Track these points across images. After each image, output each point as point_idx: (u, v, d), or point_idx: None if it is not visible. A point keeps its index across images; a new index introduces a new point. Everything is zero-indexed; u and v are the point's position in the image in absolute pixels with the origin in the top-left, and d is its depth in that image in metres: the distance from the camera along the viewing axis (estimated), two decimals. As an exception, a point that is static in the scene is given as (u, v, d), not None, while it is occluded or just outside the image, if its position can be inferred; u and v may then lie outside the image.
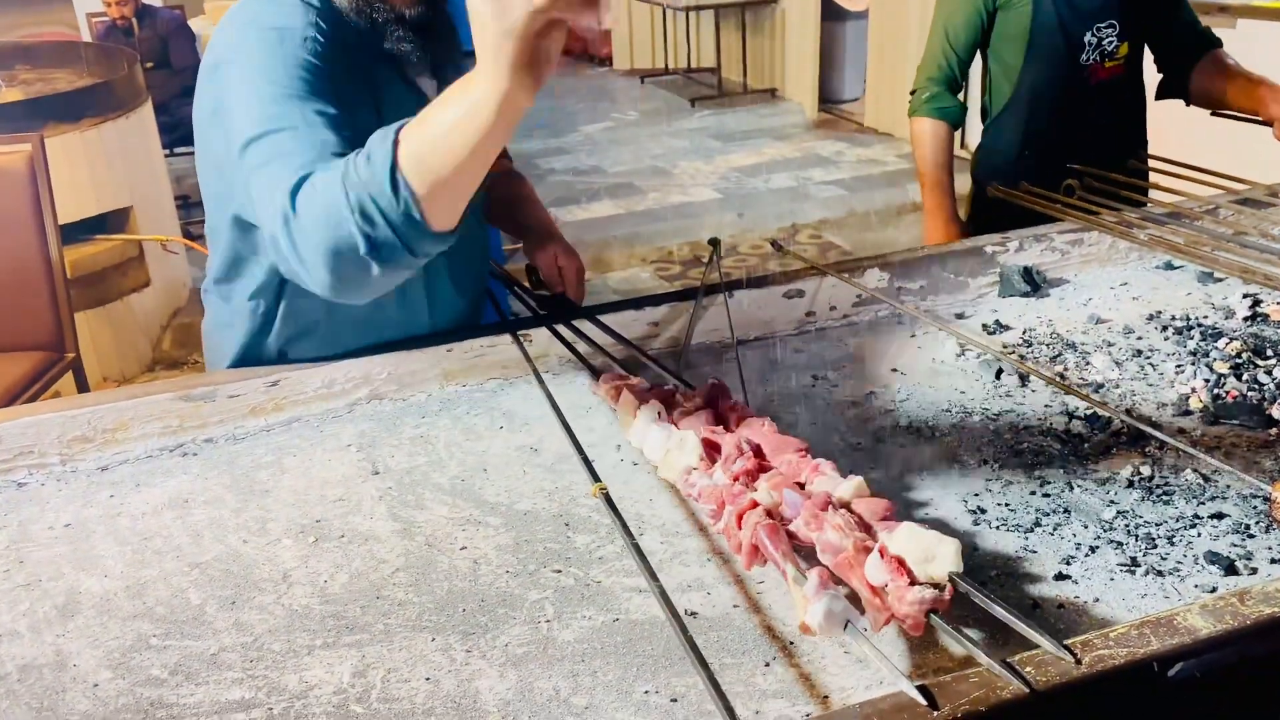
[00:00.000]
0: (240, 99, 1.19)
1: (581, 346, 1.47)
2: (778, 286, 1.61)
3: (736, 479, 1.05)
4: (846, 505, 0.99)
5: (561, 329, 1.50)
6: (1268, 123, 2.00)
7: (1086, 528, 1.06)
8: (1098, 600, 0.95)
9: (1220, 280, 1.66)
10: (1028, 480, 1.16)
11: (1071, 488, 1.14)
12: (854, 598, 0.90)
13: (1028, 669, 0.76)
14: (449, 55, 1.37)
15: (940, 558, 0.87)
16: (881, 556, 0.88)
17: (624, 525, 0.99)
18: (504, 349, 1.49)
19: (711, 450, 1.11)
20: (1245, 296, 1.58)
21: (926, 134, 2.20)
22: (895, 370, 1.46)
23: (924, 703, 0.73)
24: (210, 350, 1.55)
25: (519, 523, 1.14)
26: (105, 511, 1.21)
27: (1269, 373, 1.34)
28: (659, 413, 1.21)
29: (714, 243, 1.66)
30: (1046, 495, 1.12)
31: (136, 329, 4.03)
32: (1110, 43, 2.07)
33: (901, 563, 0.88)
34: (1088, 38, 2.06)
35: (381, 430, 1.36)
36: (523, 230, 1.74)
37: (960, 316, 1.62)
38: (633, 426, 1.22)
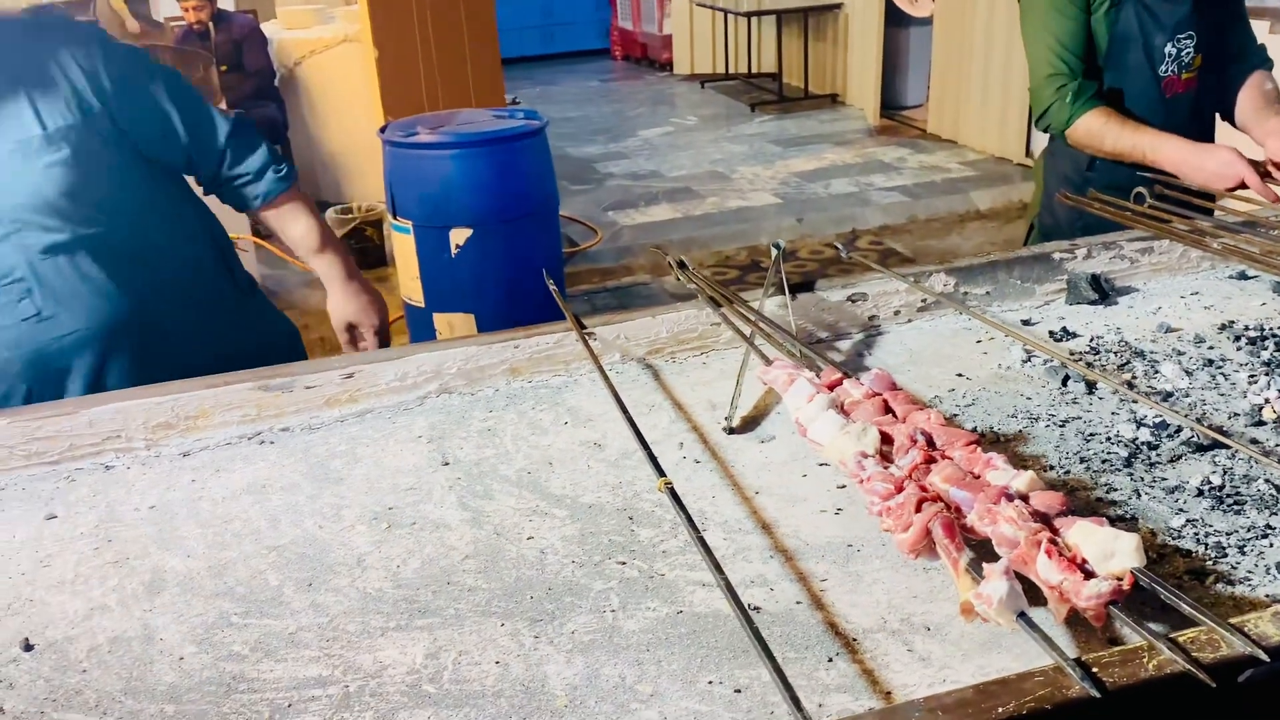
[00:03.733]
0: None
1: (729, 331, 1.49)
2: (841, 290, 1.62)
3: (914, 470, 1.06)
4: (1023, 497, 1.00)
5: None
6: None
7: (1155, 535, 1.05)
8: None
9: (1296, 290, 1.63)
10: (1094, 487, 1.15)
11: (1139, 495, 1.13)
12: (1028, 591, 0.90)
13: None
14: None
15: (1121, 553, 0.89)
16: (1054, 554, 0.90)
17: (689, 519, 1.01)
18: (569, 346, 1.51)
19: (884, 440, 1.13)
20: (1322, 307, 1.55)
21: (1095, 130, 2.02)
22: (960, 375, 1.45)
23: (1094, 692, 0.75)
24: None
25: (584, 515, 1.16)
26: (188, 495, 1.26)
27: (1346, 384, 1.32)
28: (833, 402, 1.22)
29: (776, 245, 1.67)
30: (1114, 503, 1.12)
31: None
32: (1188, 54, 2.03)
33: (1075, 558, 0.90)
34: (1168, 49, 2.02)
35: (451, 423, 1.40)
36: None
37: (1027, 323, 1.61)
38: (803, 410, 1.21)
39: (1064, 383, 1.39)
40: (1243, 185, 1.88)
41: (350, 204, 5.18)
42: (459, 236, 3.12)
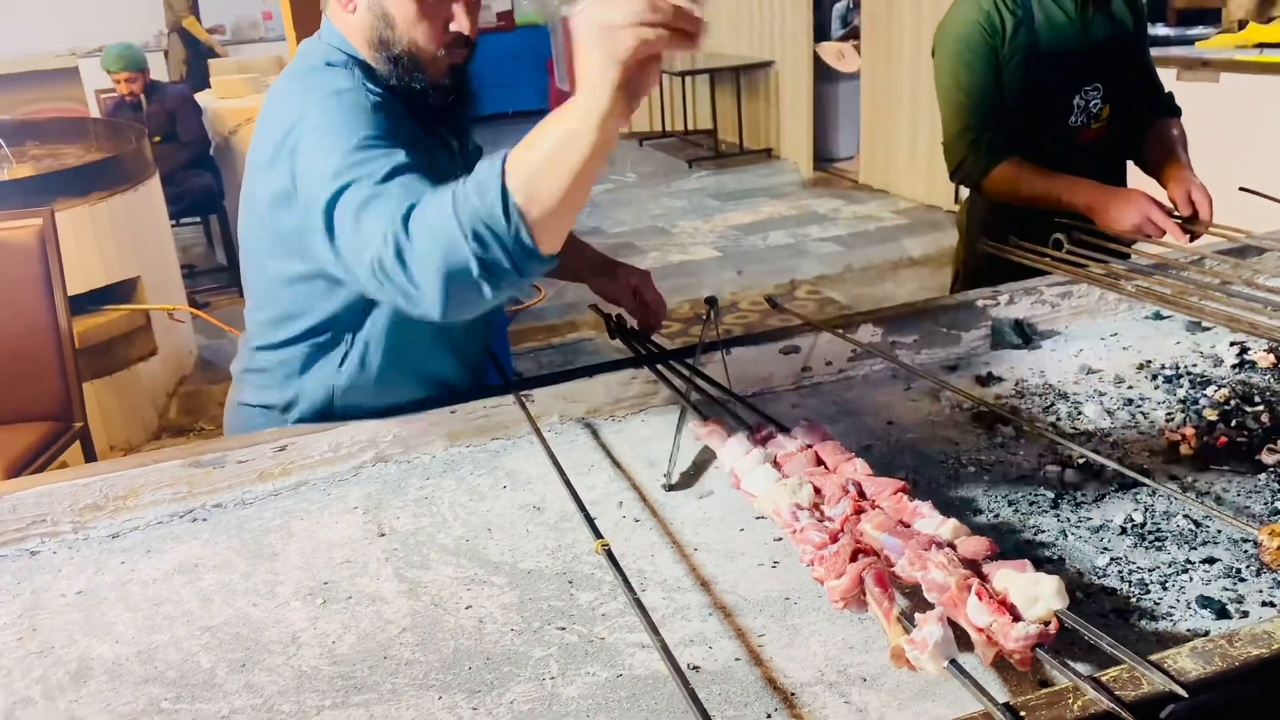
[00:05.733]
0: (319, 159, 1.24)
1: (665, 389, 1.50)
2: (774, 343, 1.65)
3: (846, 520, 1.08)
4: (950, 545, 1.02)
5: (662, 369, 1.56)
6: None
7: (1081, 575, 1.08)
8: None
9: (1208, 329, 1.69)
10: (1022, 529, 1.18)
11: (1066, 535, 1.16)
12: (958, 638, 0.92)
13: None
14: (468, 117, 1.51)
15: (1044, 596, 0.91)
16: (984, 595, 0.92)
17: (626, 581, 1.01)
18: (506, 409, 1.52)
19: (816, 491, 1.15)
20: (1232, 344, 1.61)
21: (1009, 179, 2.07)
22: (891, 423, 1.48)
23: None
24: (242, 420, 1.57)
25: (523, 581, 1.16)
26: (117, 578, 1.23)
27: (1256, 418, 1.37)
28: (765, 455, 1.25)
29: (710, 301, 1.70)
30: (1041, 544, 1.14)
31: (143, 397, 4.06)
32: (1095, 105, 2.12)
33: (1004, 601, 0.92)
34: (1076, 100, 2.11)
35: (387, 492, 1.39)
36: (586, 268, 1.82)
37: (954, 369, 1.65)
38: (738, 464, 1.24)
39: (990, 427, 1.43)
40: (1154, 226, 1.96)
41: (289, 271, 5.14)
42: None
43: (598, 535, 1.11)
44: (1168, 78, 4.27)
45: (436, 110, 1.42)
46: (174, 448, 1.40)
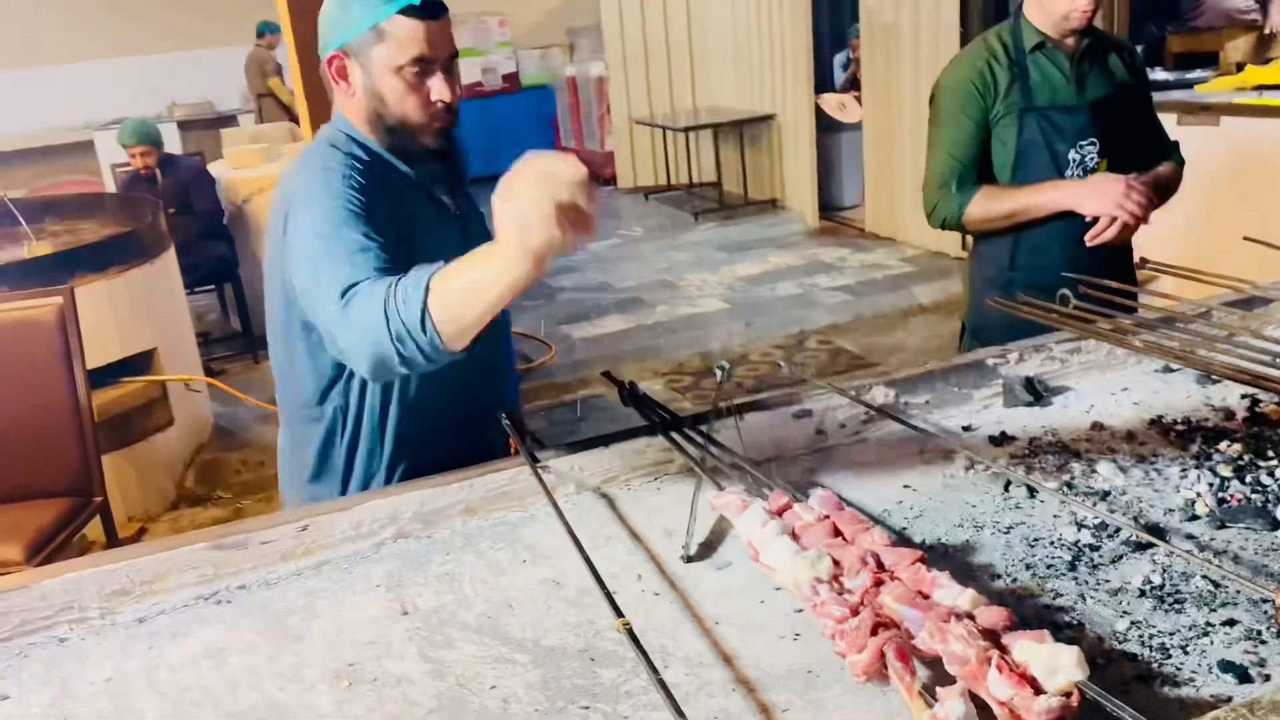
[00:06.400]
0: (301, 229, 1.50)
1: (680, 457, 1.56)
2: (787, 407, 1.67)
3: (865, 593, 1.09)
4: (969, 615, 1.02)
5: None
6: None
7: (1101, 641, 1.08)
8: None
9: (1218, 382, 1.70)
10: (1040, 593, 1.18)
11: (1085, 599, 1.16)
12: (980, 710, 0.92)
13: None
14: (461, 176, 1.73)
15: (1064, 667, 0.92)
16: (1005, 668, 0.92)
17: (648, 660, 1.02)
18: (524, 480, 1.53)
19: (834, 563, 1.16)
20: (1244, 397, 1.62)
21: (983, 205, 2.20)
22: (907, 486, 1.49)
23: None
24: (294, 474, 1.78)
25: (546, 659, 1.17)
26: (144, 664, 1.24)
27: (1271, 474, 1.38)
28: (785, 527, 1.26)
29: (721, 367, 1.71)
30: (1060, 609, 1.15)
31: (161, 468, 4.09)
32: (1091, 159, 2.18)
33: (1025, 674, 0.92)
34: (1071, 154, 2.16)
35: (408, 569, 1.40)
36: None
37: (967, 429, 1.67)
38: (756, 536, 1.25)
39: (1006, 488, 1.44)
40: (1130, 195, 2.06)
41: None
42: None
43: (618, 613, 1.12)
44: (1168, 122, 4.32)
45: (430, 173, 1.64)
46: (198, 530, 1.42)
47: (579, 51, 10.82)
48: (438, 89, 1.56)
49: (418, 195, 1.65)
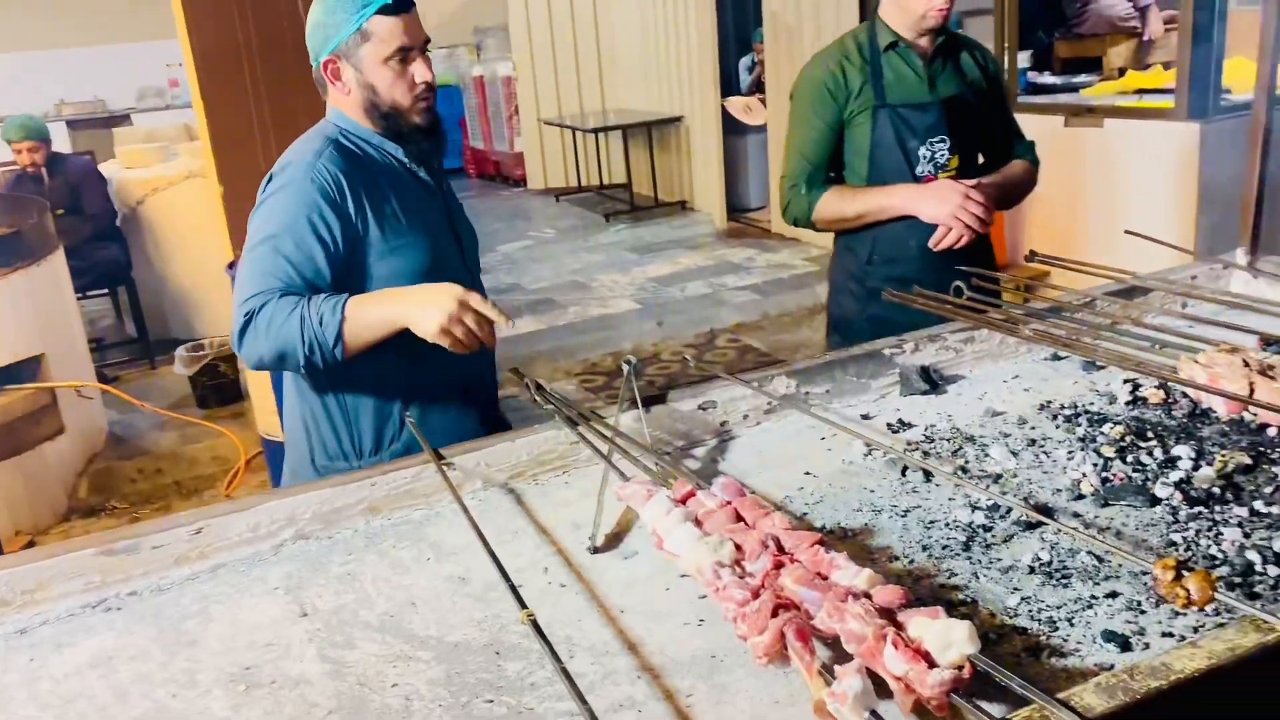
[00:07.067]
0: (260, 212, 1.74)
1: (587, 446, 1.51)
2: (692, 399, 1.68)
3: (766, 576, 1.10)
4: (866, 594, 1.04)
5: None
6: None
7: (994, 616, 1.12)
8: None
9: (1103, 368, 1.78)
10: (936, 573, 1.21)
11: (978, 577, 1.20)
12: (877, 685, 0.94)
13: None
14: (439, 150, 1.88)
15: (957, 642, 0.94)
16: (900, 644, 0.94)
17: (552, 650, 1.01)
18: (429, 477, 1.51)
19: (737, 548, 1.16)
20: (1126, 382, 1.69)
21: (833, 204, 2.26)
22: (808, 473, 1.52)
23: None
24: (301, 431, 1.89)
25: (449, 655, 1.15)
26: (24, 676, 1.19)
27: (1150, 454, 1.44)
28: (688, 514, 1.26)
29: (629, 362, 1.72)
30: (955, 587, 1.18)
31: (51, 478, 3.92)
32: (942, 156, 2.26)
33: (919, 649, 0.94)
34: (922, 151, 2.25)
35: (308, 570, 1.37)
36: None
37: (865, 417, 1.70)
38: (660, 524, 1.26)
39: (903, 473, 1.47)
40: (967, 204, 2.14)
41: (202, 340, 5.04)
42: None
43: (523, 606, 1.11)
44: (1055, 124, 4.49)
45: (420, 151, 1.82)
46: (86, 535, 1.37)
47: (486, 51, 10.74)
48: (420, 72, 1.76)
49: (405, 175, 1.83)
